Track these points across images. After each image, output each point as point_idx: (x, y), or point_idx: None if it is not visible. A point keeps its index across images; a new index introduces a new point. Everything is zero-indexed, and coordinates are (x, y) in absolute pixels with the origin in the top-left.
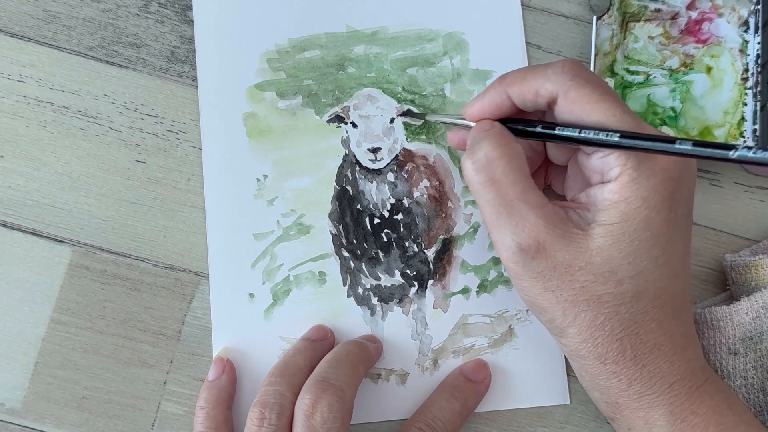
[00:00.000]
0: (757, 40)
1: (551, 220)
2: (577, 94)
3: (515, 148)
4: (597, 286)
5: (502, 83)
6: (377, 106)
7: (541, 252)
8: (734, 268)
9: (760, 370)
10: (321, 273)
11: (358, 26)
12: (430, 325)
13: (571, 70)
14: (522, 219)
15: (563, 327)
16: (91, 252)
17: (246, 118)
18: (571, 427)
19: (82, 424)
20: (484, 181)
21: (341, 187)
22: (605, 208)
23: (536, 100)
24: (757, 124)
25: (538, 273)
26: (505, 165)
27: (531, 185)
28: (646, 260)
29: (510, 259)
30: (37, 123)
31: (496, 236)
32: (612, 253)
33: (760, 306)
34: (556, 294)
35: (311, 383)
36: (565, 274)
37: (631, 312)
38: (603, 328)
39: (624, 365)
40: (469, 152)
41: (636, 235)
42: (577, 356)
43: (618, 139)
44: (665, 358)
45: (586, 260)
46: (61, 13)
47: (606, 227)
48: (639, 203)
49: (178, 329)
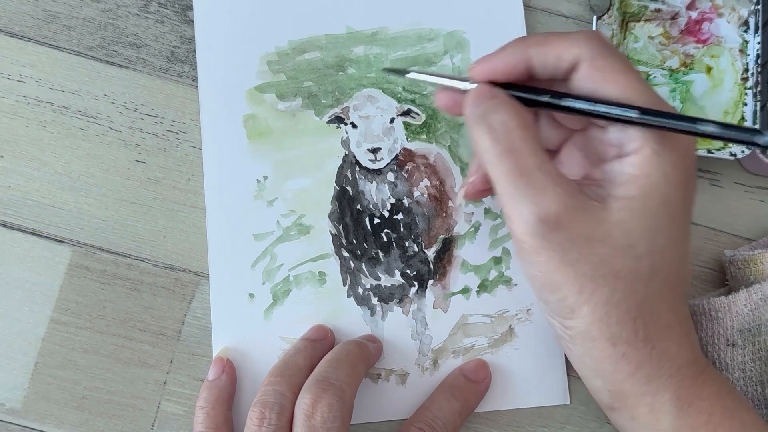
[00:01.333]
0: (757, 40)
1: (570, 191)
2: (603, 62)
3: (529, 117)
4: (616, 260)
5: (523, 43)
6: (377, 107)
7: (561, 223)
8: (733, 263)
9: (758, 362)
10: (321, 273)
11: (358, 27)
12: (430, 325)
13: (598, 38)
14: (542, 189)
15: (576, 306)
16: (91, 252)
17: (246, 120)
18: (571, 427)
19: (82, 424)
20: (503, 151)
21: (341, 188)
22: (625, 182)
23: (557, 64)
24: (757, 124)
25: (557, 245)
26: (524, 134)
27: (547, 157)
28: (663, 237)
29: (527, 232)
30: (37, 123)
31: (513, 209)
32: (631, 227)
33: (759, 298)
34: (573, 268)
35: (311, 383)
36: (585, 246)
37: (646, 290)
38: (619, 306)
39: (635, 346)
40: (483, 121)
41: (656, 211)
42: (585, 339)
43: (637, 115)
44: (674, 340)
45: (605, 233)
46: (61, 13)
47: (625, 201)
48: (661, 178)
49: (178, 329)
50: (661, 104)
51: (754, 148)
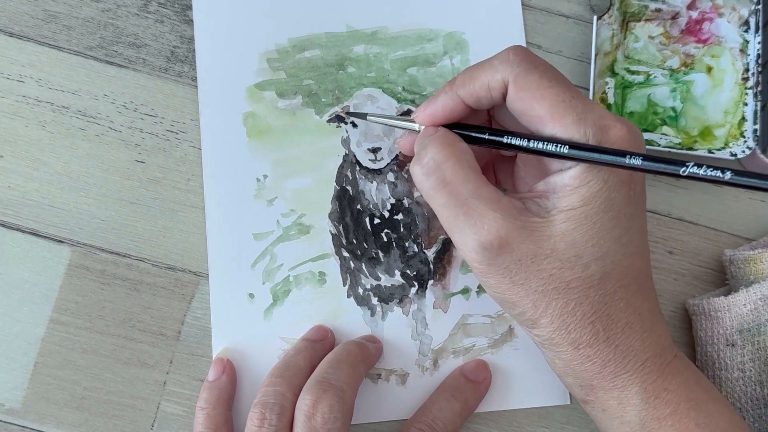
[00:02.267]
0: (757, 40)
1: (509, 212)
2: (525, 81)
3: (461, 147)
4: (564, 272)
5: (452, 87)
6: (377, 106)
7: (503, 247)
8: (733, 262)
9: (757, 362)
10: (321, 273)
11: (358, 26)
12: (430, 325)
13: (517, 56)
14: (480, 216)
15: (535, 318)
16: (90, 252)
17: (246, 118)
18: (571, 427)
19: (82, 424)
20: (435, 184)
21: (341, 187)
22: (567, 194)
23: (490, 94)
24: (757, 124)
25: (504, 269)
26: (453, 165)
27: (483, 181)
28: (609, 241)
29: (474, 259)
30: (37, 123)
31: (457, 238)
32: (576, 237)
33: (758, 297)
34: (524, 287)
35: (312, 384)
36: (532, 265)
37: (600, 294)
38: (574, 314)
39: (597, 348)
40: (416, 158)
41: (598, 217)
42: (550, 345)
43: (567, 151)
44: (636, 336)
45: (550, 247)
46: (60, 13)
47: (568, 212)
48: (600, 185)
49: (177, 329)
50: (591, 110)
51: (754, 147)
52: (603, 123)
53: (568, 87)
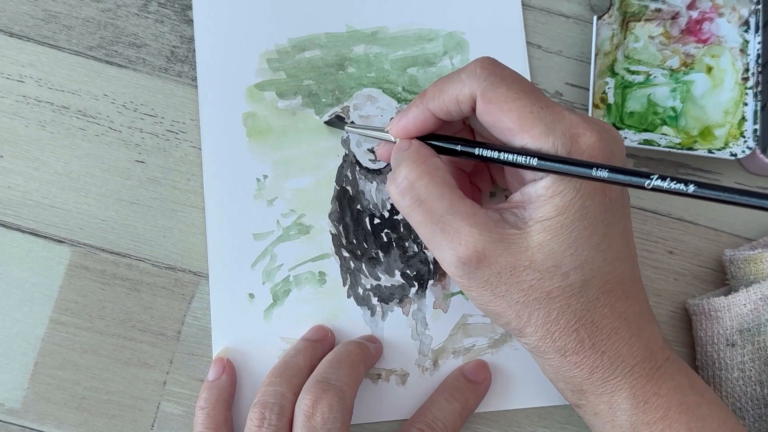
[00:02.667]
0: (757, 40)
1: (486, 226)
2: (493, 94)
3: (434, 163)
4: (544, 282)
5: (423, 100)
6: (377, 106)
7: (482, 260)
8: (733, 262)
9: (758, 362)
10: (321, 273)
11: (358, 26)
12: (430, 325)
13: (484, 69)
14: (456, 232)
15: (520, 328)
16: (90, 252)
17: (246, 118)
18: (571, 427)
19: (82, 424)
20: (410, 203)
21: (341, 187)
22: (541, 204)
23: (459, 107)
24: (757, 124)
25: (484, 282)
26: (426, 183)
27: (458, 196)
28: (587, 249)
29: (455, 274)
30: (37, 123)
31: (437, 254)
32: (553, 248)
33: (758, 297)
34: (506, 298)
35: (311, 383)
36: (511, 277)
37: (581, 302)
38: (558, 323)
39: (584, 355)
40: (391, 177)
41: (574, 226)
42: (538, 352)
43: (536, 162)
44: (623, 341)
45: (528, 259)
46: (60, 13)
47: (543, 223)
48: (573, 194)
49: (177, 329)
50: (561, 120)
51: (754, 147)
52: (573, 131)
53: (537, 98)
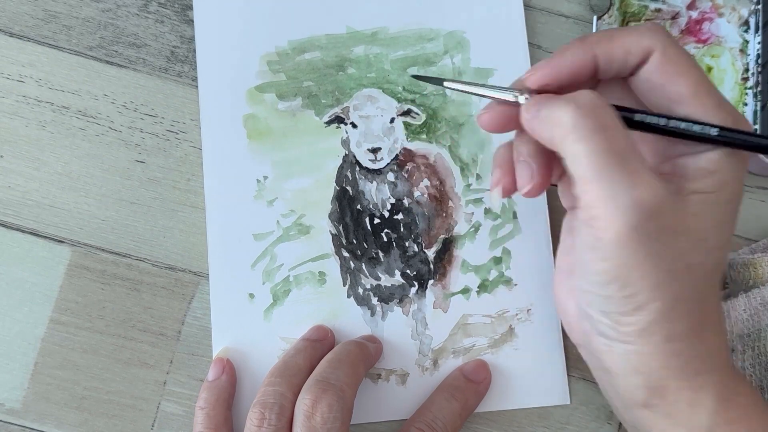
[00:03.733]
0: (757, 40)
1: (661, 179)
2: (675, 52)
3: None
4: (691, 253)
5: (586, 42)
6: (377, 106)
7: (656, 211)
8: (733, 266)
9: (758, 367)
10: (321, 273)
11: (358, 27)
12: (430, 325)
13: (665, 31)
14: (638, 174)
15: (645, 302)
16: (90, 252)
17: (246, 120)
18: (571, 427)
19: (82, 424)
20: (594, 126)
21: (341, 188)
22: (701, 177)
23: (626, 59)
24: (757, 124)
25: (646, 236)
26: (612, 113)
27: (635, 142)
28: (728, 232)
29: (620, 219)
30: (37, 123)
31: (605, 191)
32: (706, 221)
33: (758, 303)
34: (655, 262)
35: (311, 383)
36: (669, 237)
37: (706, 284)
38: (685, 301)
39: (689, 342)
40: (568, 99)
41: (726, 207)
42: (640, 336)
43: (717, 133)
44: (720, 335)
45: (686, 225)
46: (60, 13)
47: (702, 195)
48: (732, 174)
49: (178, 329)
50: (724, 102)
51: None
52: (737, 114)
53: (707, 77)
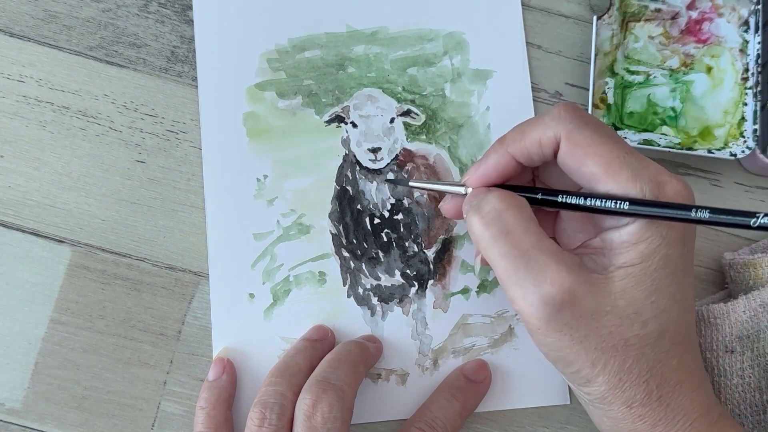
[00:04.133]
0: (757, 40)
1: (572, 266)
2: (578, 137)
3: (521, 200)
4: (624, 329)
5: (503, 145)
6: (377, 106)
7: (566, 302)
8: (733, 267)
9: (757, 368)
10: (321, 273)
11: (358, 26)
12: (430, 325)
13: (569, 113)
14: (542, 269)
15: (591, 377)
16: (91, 252)
17: (246, 118)
18: (571, 427)
19: (82, 424)
20: (496, 233)
21: (341, 187)
22: (625, 250)
23: (541, 151)
24: (757, 124)
25: (564, 325)
26: (515, 215)
27: (544, 234)
28: (666, 298)
29: (534, 315)
30: (37, 123)
31: (516, 291)
32: (635, 295)
33: (757, 304)
34: (584, 344)
35: (312, 383)
36: (592, 321)
37: (655, 352)
38: (631, 372)
39: (650, 407)
40: (475, 209)
41: (656, 274)
42: (601, 403)
43: (628, 207)
44: (687, 395)
45: (611, 304)
46: (61, 13)
47: (627, 269)
48: (659, 241)
49: (178, 329)
50: (645, 166)
51: (754, 147)
52: (659, 178)
53: (621, 143)
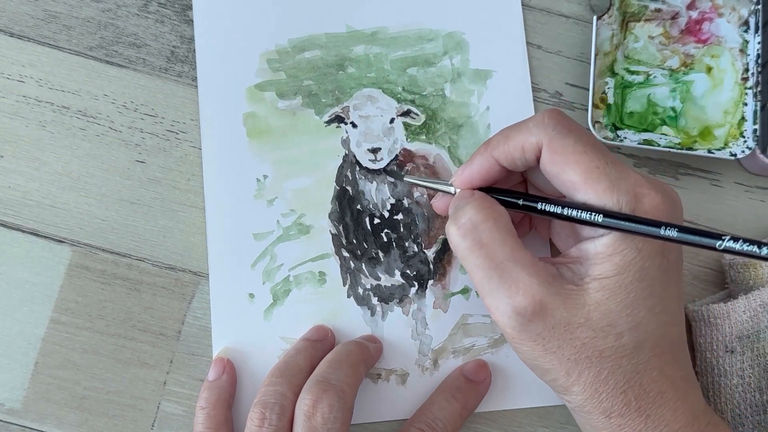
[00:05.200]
0: (757, 40)
1: (545, 278)
2: (560, 144)
3: (499, 210)
4: (598, 341)
5: (487, 148)
6: (377, 106)
7: (538, 313)
8: (733, 267)
9: (757, 368)
10: (321, 273)
11: (358, 26)
12: (430, 325)
13: (552, 119)
14: (515, 280)
15: (567, 386)
16: (91, 252)
17: (246, 119)
18: (571, 427)
19: (82, 424)
20: (471, 245)
21: (341, 187)
22: (600, 262)
23: (524, 156)
24: (757, 124)
25: (536, 335)
26: (491, 227)
27: (519, 245)
28: (643, 310)
29: (506, 324)
30: (37, 123)
31: (490, 301)
32: (610, 307)
33: (758, 304)
34: (557, 354)
35: (312, 383)
36: (565, 332)
37: (632, 363)
38: (607, 383)
39: (629, 417)
40: (453, 219)
41: (632, 287)
42: (582, 411)
43: (601, 219)
44: (668, 405)
45: (584, 316)
46: (60, 13)
47: (602, 281)
48: (634, 254)
49: (178, 329)
50: (625, 176)
51: (754, 147)
52: (637, 191)
53: (603, 153)
